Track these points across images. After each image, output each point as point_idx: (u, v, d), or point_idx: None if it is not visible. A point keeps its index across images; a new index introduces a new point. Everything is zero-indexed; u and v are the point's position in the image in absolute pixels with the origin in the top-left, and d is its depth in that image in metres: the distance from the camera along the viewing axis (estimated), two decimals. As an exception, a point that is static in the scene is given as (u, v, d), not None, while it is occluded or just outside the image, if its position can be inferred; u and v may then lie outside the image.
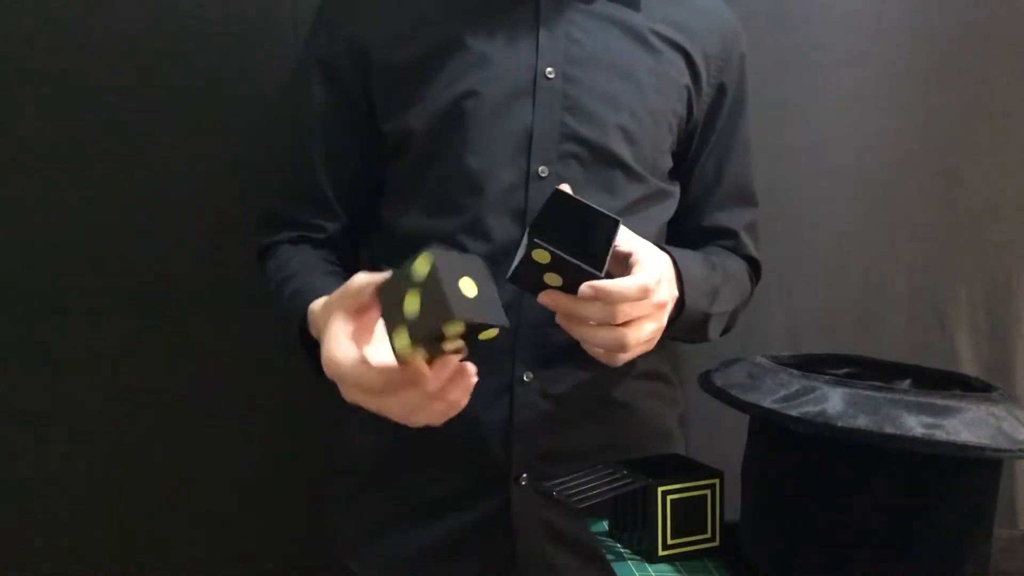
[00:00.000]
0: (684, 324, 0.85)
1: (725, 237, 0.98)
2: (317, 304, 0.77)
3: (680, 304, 0.82)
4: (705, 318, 0.88)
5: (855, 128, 1.25)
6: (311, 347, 0.79)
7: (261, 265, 0.96)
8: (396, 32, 0.88)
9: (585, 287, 0.70)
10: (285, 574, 1.15)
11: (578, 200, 0.73)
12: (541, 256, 0.69)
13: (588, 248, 0.72)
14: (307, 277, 0.87)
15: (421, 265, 0.61)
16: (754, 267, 1.01)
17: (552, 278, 0.71)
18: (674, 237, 0.96)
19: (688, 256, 0.86)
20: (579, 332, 0.73)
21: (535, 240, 0.69)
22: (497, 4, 0.87)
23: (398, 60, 0.87)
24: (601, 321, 0.72)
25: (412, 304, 0.61)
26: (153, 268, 1.08)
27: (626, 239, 0.76)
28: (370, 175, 0.94)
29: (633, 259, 0.75)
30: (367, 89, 0.90)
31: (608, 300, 0.70)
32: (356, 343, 0.66)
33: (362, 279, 0.66)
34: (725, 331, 0.95)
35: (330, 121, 0.92)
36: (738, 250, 0.99)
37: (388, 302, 0.63)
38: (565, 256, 0.69)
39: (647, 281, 0.72)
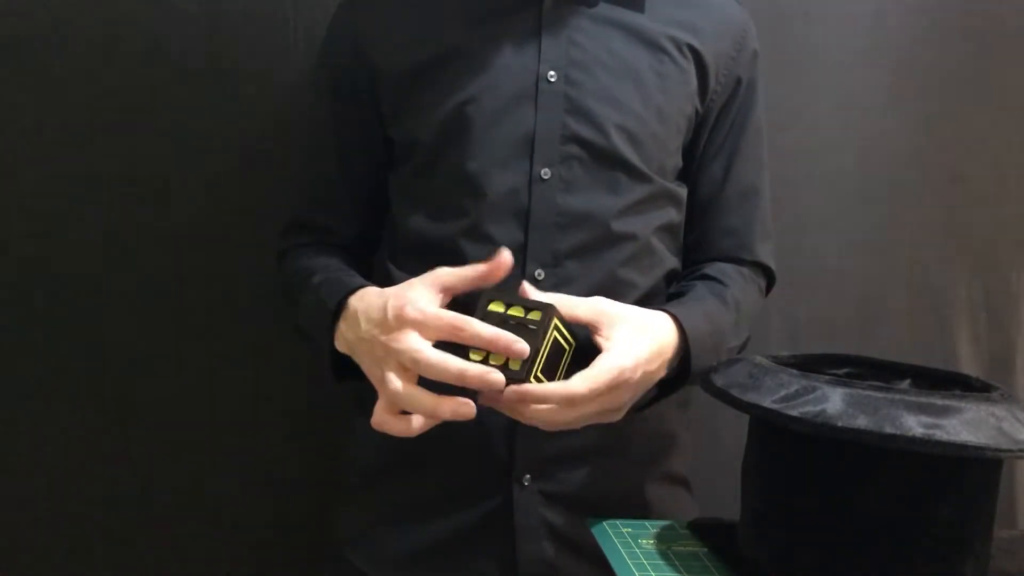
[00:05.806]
0: (690, 383, 0.84)
1: (735, 238, 0.96)
2: (356, 298, 0.81)
3: (685, 369, 0.82)
4: (712, 369, 0.87)
5: (855, 128, 1.25)
6: (334, 355, 0.83)
7: (280, 266, 0.99)
8: (401, 41, 0.89)
9: (509, 391, 0.70)
10: (290, 568, 1.15)
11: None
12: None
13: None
14: (334, 272, 0.89)
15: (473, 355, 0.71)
16: (766, 273, 0.98)
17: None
18: (683, 242, 0.96)
19: (694, 312, 0.84)
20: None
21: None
22: (500, 11, 0.87)
23: (402, 68, 0.88)
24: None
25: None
26: (158, 268, 1.08)
27: (608, 309, 0.77)
28: (382, 181, 0.95)
29: (604, 339, 0.75)
30: (375, 97, 0.91)
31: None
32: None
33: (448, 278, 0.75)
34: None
35: (341, 129, 0.94)
36: (749, 255, 0.96)
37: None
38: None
39: (595, 383, 0.72)
